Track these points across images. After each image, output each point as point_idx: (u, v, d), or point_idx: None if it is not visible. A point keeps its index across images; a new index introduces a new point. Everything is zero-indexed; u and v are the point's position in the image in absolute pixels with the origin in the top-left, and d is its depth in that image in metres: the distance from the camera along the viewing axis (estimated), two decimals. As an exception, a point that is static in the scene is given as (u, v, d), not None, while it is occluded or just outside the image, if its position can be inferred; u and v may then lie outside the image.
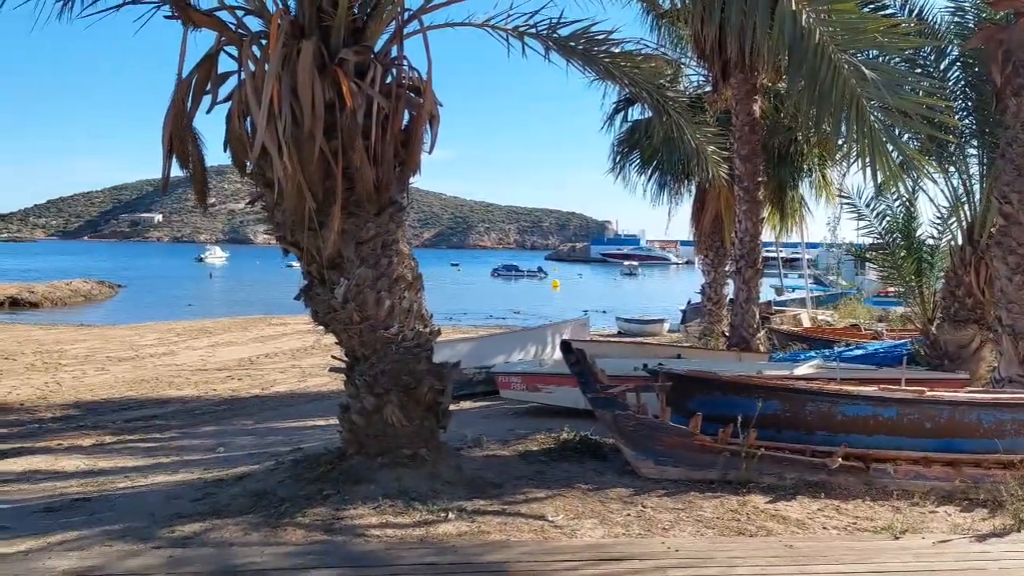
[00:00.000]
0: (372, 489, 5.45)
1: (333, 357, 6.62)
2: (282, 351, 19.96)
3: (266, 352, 19.66)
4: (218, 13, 5.93)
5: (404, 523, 4.88)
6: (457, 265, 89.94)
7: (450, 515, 5.04)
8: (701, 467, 6.14)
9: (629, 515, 5.24)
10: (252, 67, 5.62)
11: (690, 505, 5.51)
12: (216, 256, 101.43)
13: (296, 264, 6.43)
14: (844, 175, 15.25)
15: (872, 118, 5.81)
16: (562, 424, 7.74)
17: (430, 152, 6.23)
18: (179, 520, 4.91)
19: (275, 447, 8.11)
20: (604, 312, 35.55)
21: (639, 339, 20.46)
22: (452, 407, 6.43)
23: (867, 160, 5.92)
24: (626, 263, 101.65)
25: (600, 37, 7.40)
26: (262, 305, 37.27)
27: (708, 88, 15.76)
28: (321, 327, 6.42)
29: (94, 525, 4.94)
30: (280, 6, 5.87)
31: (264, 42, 5.80)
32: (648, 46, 9.43)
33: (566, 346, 6.78)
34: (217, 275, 75.07)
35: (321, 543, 4.47)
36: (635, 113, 17.96)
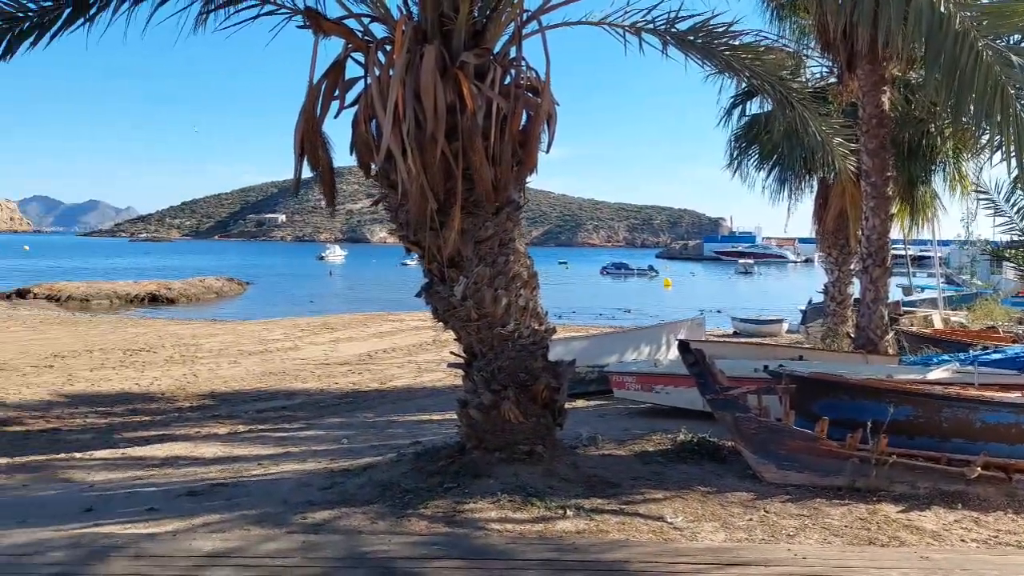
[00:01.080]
0: (490, 484, 5.54)
1: (452, 353, 6.76)
2: (399, 347, 20.54)
3: (384, 347, 20.28)
4: (346, 21, 6.18)
5: (523, 518, 4.94)
6: (565, 263, 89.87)
7: (568, 512, 5.06)
8: (827, 473, 5.91)
9: (751, 520, 5.12)
10: (377, 72, 5.81)
11: (816, 512, 5.33)
12: (336, 255, 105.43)
13: (411, 262, 6.62)
14: (981, 169, 14.31)
15: (1018, 107, 5.44)
16: (678, 425, 7.63)
17: (547, 151, 6.29)
18: (310, 507, 5.15)
19: (395, 440, 8.37)
20: (718, 312, 34.71)
21: (757, 340, 19.87)
22: (566, 405, 6.46)
23: (1011, 151, 5.54)
24: (741, 261, 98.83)
25: (720, 30, 7.25)
26: (379, 302, 38.49)
27: (832, 80, 15.12)
28: (440, 323, 6.57)
29: (232, 509, 5.25)
30: (404, 12, 6.04)
31: (389, 48, 6.01)
32: (768, 37, 9.18)
33: (684, 346, 6.67)
34: (336, 273, 77.93)
35: (444, 534, 4.59)
36: (754, 107, 17.42)
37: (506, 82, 6.09)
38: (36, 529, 4.79)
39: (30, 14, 6.97)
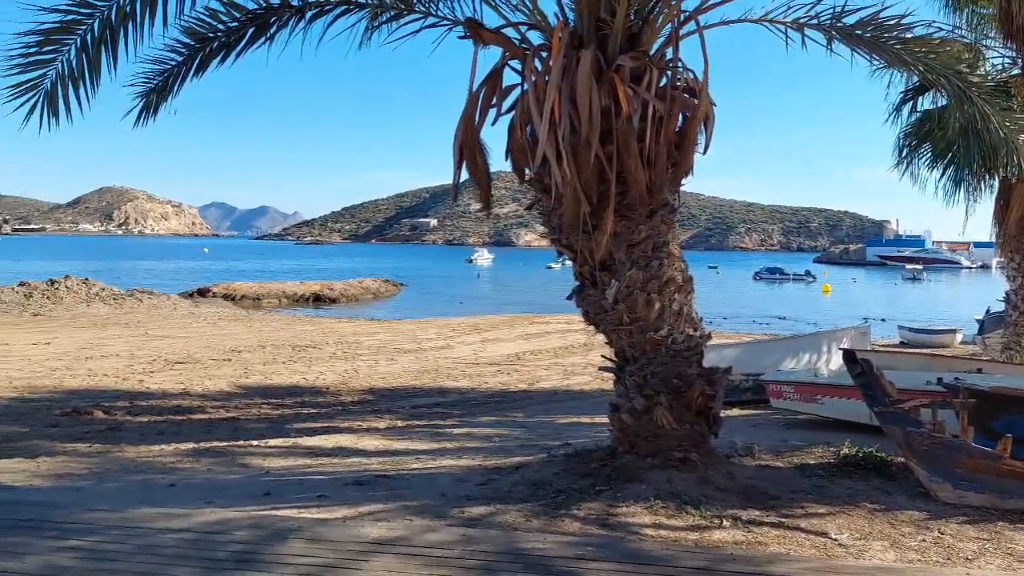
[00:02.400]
0: (643, 489, 5.50)
1: (602, 357, 6.77)
2: (545, 349, 20.74)
3: (531, 349, 20.55)
4: (504, 30, 6.35)
5: (677, 525, 4.88)
6: (716, 267, 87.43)
7: (724, 522, 4.95)
8: (1011, 495, 5.44)
9: (924, 540, 4.80)
10: (534, 79, 5.92)
11: (998, 536, 4.92)
12: (483, 258, 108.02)
13: (555, 265, 6.72)
14: None
15: None
16: (840, 438, 7.27)
17: (704, 153, 6.19)
18: (467, 502, 5.32)
19: (545, 440, 8.47)
20: (883, 320, 32.65)
21: (928, 351, 18.54)
22: (720, 413, 6.31)
23: None
24: (908, 266, 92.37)
25: (890, 23, 6.87)
26: (525, 304, 39.05)
27: (1016, 71, 13.89)
28: (591, 327, 6.59)
29: (395, 500, 5.51)
30: (561, 19, 6.12)
31: (545, 54, 6.12)
32: (943, 28, 8.57)
33: (849, 355, 6.35)
34: (484, 275, 79.83)
35: (597, 536, 4.61)
36: (926, 102, 16.23)
37: (662, 84, 6.04)
38: (221, 509, 5.23)
39: (219, 34, 7.62)
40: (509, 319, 28.62)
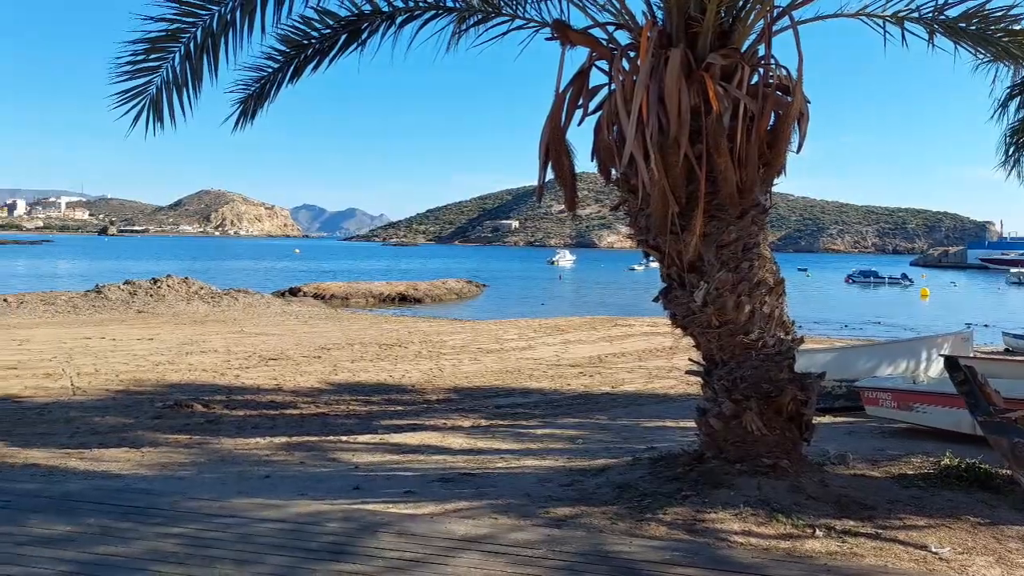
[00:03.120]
0: (731, 495, 5.39)
1: (690, 360, 6.68)
2: (628, 352, 20.54)
3: (613, 352, 20.39)
4: (591, 31, 6.34)
5: (768, 533, 4.76)
6: (806, 270, 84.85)
7: (817, 532, 4.80)
8: None
9: (1034, 558, 4.54)
10: (621, 78, 5.88)
11: (1115, 556, 4.62)
12: (565, 259, 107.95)
13: (638, 267, 6.67)
14: None
15: None
16: (940, 448, 6.96)
17: (798, 151, 6.01)
18: (552, 503, 5.33)
19: (629, 444, 8.40)
20: (986, 326, 31.05)
21: (1035, 358, 17.52)
22: (813, 420, 6.13)
23: None
24: (1013, 270, 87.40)
25: (997, 14, 6.56)
26: (607, 306, 38.82)
27: None
28: (679, 329, 6.49)
29: (481, 498, 5.57)
30: (649, 18, 6.07)
31: (633, 54, 6.07)
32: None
33: (951, 362, 6.05)
34: (566, 277, 79.67)
35: (685, 542, 4.55)
36: (1035, 96, 15.40)
37: (754, 81, 5.91)
38: (313, 502, 5.39)
39: (313, 41, 7.87)
40: (591, 321, 28.49)
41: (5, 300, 32.10)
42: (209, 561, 4.08)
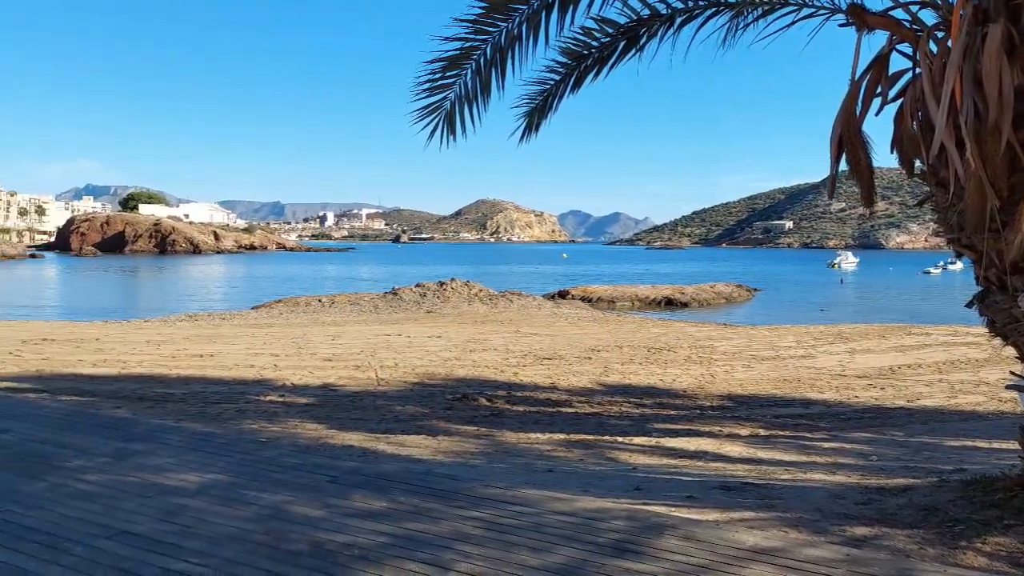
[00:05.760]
0: (1068, 530, 4.68)
1: (1012, 373, 5.91)
2: (925, 363, 18.57)
3: (907, 363, 18.55)
4: (891, 12, 5.85)
5: (1122, 579, 4.06)
6: None
7: None
8: None
9: None
10: (929, 61, 5.37)
11: None
12: (848, 261, 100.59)
13: (934, 270, 5.98)
14: None
15: None
16: None
17: None
18: (847, 520, 4.98)
19: (931, 463, 7.61)
20: None
21: None
22: None
23: None
24: None
25: None
26: (898, 312, 35.43)
27: None
28: (997, 339, 5.78)
29: (767, 510, 5.36)
30: (962, -7, 5.46)
31: (941, 34, 5.52)
32: None
33: None
34: (848, 281, 74.10)
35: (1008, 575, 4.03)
36: None
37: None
38: (596, 499, 5.53)
39: (592, 51, 8.11)
40: (880, 328, 26.15)
41: (320, 301, 36.89)
42: (506, 546, 4.35)
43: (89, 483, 5.60)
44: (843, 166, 6.20)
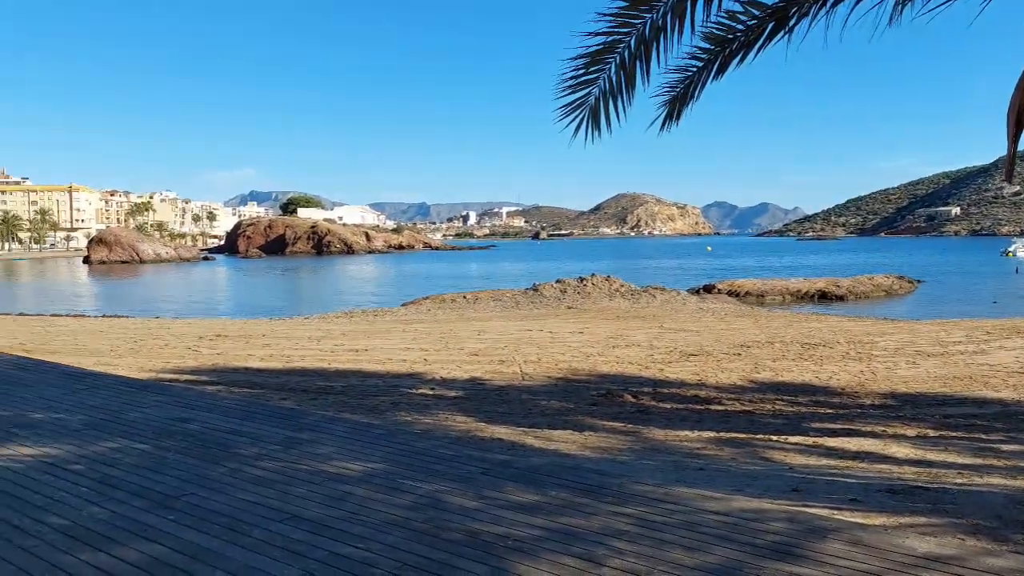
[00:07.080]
0: None
1: None
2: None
3: (1101, 359, 16.77)
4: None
5: None
6: None
7: None
8: None
9: None
10: None
11: None
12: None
13: None
14: None
15: None
16: None
17: None
18: (1034, 530, 4.59)
19: None
20: None
21: None
22: None
23: None
24: None
25: None
26: (1088, 304, 32.10)
27: None
28: None
29: (939, 515, 5.03)
30: None
31: None
32: None
33: None
34: (1025, 270, 67.91)
35: None
36: None
37: None
38: (752, 499, 5.37)
39: (737, 35, 7.86)
40: (1065, 321, 23.81)
41: (464, 297, 37.82)
42: (659, 543, 4.31)
43: (264, 469, 6.03)
44: (1022, 146, 5.71)
